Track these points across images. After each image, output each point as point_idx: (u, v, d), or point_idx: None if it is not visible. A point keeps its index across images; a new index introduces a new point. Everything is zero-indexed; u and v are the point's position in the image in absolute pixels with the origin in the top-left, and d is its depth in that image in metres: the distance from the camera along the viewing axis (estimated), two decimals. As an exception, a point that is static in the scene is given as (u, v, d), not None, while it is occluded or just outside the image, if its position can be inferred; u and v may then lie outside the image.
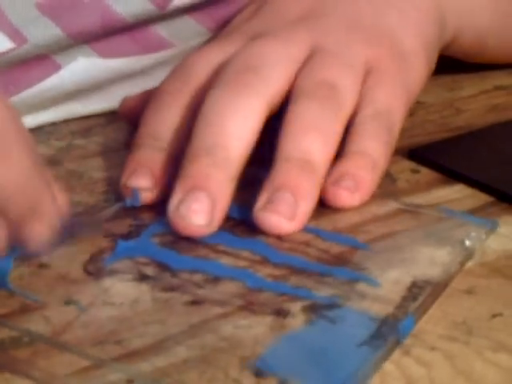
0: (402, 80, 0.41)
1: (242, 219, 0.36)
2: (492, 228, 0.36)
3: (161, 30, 0.47)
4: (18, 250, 0.32)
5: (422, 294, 0.31)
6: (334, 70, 0.39)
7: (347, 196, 0.37)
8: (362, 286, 0.32)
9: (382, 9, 0.44)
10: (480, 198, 0.39)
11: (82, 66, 0.45)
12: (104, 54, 0.46)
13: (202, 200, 0.35)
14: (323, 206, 0.37)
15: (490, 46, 0.51)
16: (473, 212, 0.37)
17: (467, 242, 0.35)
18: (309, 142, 0.37)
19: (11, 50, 0.43)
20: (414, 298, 0.31)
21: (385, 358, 0.28)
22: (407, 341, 0.29)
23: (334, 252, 0.34)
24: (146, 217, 0.37)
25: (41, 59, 0.45)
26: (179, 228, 0.35)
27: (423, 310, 0.31)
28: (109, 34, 0.45)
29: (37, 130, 0.46)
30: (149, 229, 0.36)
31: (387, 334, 0.29)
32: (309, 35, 0.41)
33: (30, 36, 0.43)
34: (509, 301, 0.31)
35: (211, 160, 0.36)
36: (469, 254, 0.34)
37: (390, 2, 0.44)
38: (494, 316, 0.30)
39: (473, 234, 0.35)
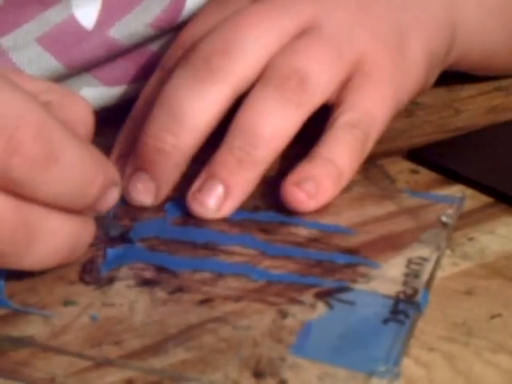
0: (393, 84, 0.40)
1: (225, 217, 0.37)
2: (461, 203, 0.37)
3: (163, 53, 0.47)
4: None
5: (423, 270, 0.32)
6: (315, 60, 0.38)
7: (304, 200, 0.36)
8: (362, 269, 0.33)
9: (398, 8, 0.42)
10: (479, 198, 0.39)
11: (86, 96, 0.45)
12: (108, 83, 0.46)
13: (146, 182, 0.37)
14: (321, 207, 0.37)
15: (497, 62, 0.51)
16: (472, 213, 0.37)
17: (444, 219, 0.36)
18: (258, 135, 0.36)
19: None
20: (416, 275, 0.32)
21: (411, 332, 0.29)
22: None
23: (323, 239, 0.35)
24: (124, 222, 0.37)
25: None
26: (127, 201, 0.38)
27: (430, 285, 0.32)
28: (111, 61, 0.45)
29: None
30: (131, 235, 0.35)
31: (407, 309, 0.30)
32: (312, 7, 0.40)
33: (32, 72, 0.42)
34: (508, 302, 0.31)
35: (160, 145, 0.37)
36: (450, 230, 0.35)
37: (407, 7, 0.43)
38: (494, 317, 0.30)
39: (449, 211, 0.37)
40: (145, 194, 0.37)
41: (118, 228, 0.36)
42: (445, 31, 0.44)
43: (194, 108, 0.36)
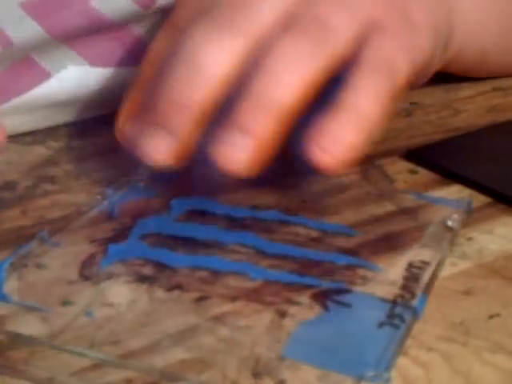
0: (407, 40, 0.39)
1: (224, 215, 0.37)
2: (468, 207, 0.37)
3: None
4: (9, 259, 0.32)
5: (423, 274, 0.32)
6: (335, 11, 0.37)
7: (329, 162, 0.34)
8: (362, 271, 0.33)
9: None
10: (478, 198, 0.39)
11: (72, 75, 0.45)
12: (94, 63, 0.45)
13: (162, 137, 0.35)
14: (320, 206, 0.37)
15: (491, 61, 0.51)
16: (471, 213, 0.37)
17: (449, 223, 0.36)
18: (285, 82, 0.34)
19: None
20: (415, 278, 0.32)
21: (406, 336, 0.29)
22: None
23: (324, 239, 0.35)
24: (127, 220, 0.37)
25: (30, 67, 0.44)
26: (143, 160, 0.35)
27: (429, 289, 0.32)
28: (96, 38, 0.45)
29: (34, 131, 0.46)
30: (133, 231, 0.35)
31: (403, 313, 0.30)
32: None
33: (14, 37, 0.42)
34: (507, 301, 0.31)
35: (176, 98, 0.35)
36: (454, 234, 0.35)
37: None
38: (492, 317, 0.30)
39: (454, 215, 0.36)
40: (162, 150, 0.35)
41: None
42: (443, 24, 0.44)
43: (211, 59, 0.35)
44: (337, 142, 0.34)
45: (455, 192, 0.39)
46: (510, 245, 0.35)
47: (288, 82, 0.34)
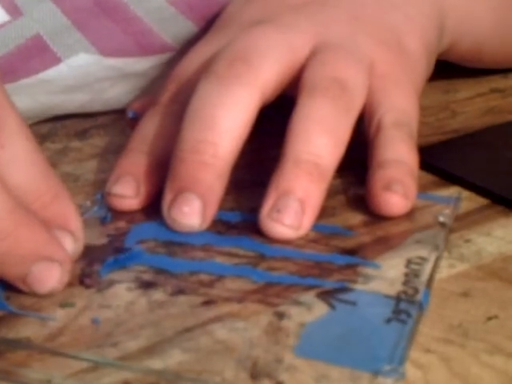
0: (409, 81, 0.41)
1: (222, 219, 0.36)
2: (457, 202, 0.38)
3: (166, 36, 0.47)
4: None
5: (422, 270, 0.33)
6: (344, 66, 0.38)
7: (400, 202, 0.36)
8: (362, 269, 0.33)
9: (386, 8, 0.43)
10: (476, 200, 0.39)
11: (82, 62, 0.45)
12: (105, 52, 0.45)
13: (191, 202, 0.35)
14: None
15: (487, 52, 0.51)
16: (469, 215, 0.37)
17: (441, 219, 0.36)
18: (320, 144, 0.35)
19: (7, 22, 0.42)
20: (416, 274, 0.32)
21: (415, 331, 0.29)
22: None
23: (321, 240, 0.35)
24: (121, 225, 0.36)
25: (41, 49, 0.44)
26: (173, 228, 0.35)
27: (431, 284, 0.32)
28: (109, 26, 0.45)
29: (32, 132, 0.46)
30: (128, 237, 0.35)
31: (409, 308, 0.30)
32: (310, 24, 0.40)
33: (25, 8, 0.42)
34: (505, 303, 0.31)
35: (199, 158, 0.35)
36: (447, 230, 0.36)
37: (395, 4, 0.44)
38: (490, 319, 0.30)
39: (446, 211, 0.37)
40: (192, 215, 0.35)
41: None
42: (435, 21, 0.45)
43: (227, 114, 0.35)
44: (398, 182, 0.36)
45: (453, 193, 0.39)
46: (508, 247, 0.35)
47: (329, 149, 0.36)
